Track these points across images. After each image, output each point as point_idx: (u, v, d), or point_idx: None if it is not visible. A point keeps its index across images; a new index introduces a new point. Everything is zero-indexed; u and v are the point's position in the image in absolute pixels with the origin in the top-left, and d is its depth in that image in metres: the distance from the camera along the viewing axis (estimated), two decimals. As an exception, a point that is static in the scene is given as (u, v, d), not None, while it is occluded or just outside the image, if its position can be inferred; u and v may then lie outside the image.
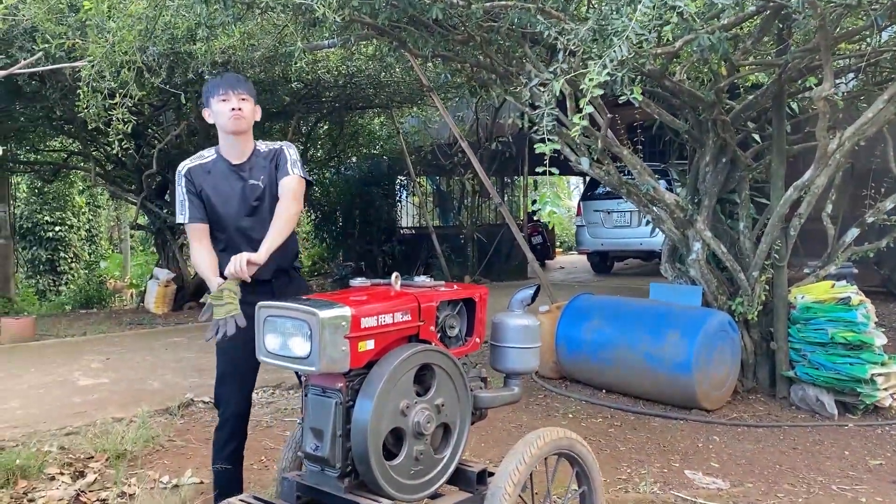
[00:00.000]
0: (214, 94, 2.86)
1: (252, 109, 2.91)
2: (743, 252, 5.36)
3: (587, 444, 2.59)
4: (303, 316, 2.24)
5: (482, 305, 2.71)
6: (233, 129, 2.85)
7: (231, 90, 2.85)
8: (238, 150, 2.92)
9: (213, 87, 2.88)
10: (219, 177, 2.91)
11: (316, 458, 2.35)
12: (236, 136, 2.89)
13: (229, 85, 2.87)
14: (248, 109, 2.88)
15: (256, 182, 2.91)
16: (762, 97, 5.13)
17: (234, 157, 2.92)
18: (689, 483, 3.74)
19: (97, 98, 4.63)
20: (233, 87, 2.85)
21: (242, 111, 2.84)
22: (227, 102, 2.84)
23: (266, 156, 2.96)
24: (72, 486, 3.50)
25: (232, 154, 2.93)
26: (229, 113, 2.83)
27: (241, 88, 2.87)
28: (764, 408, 5.00)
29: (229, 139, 2.91)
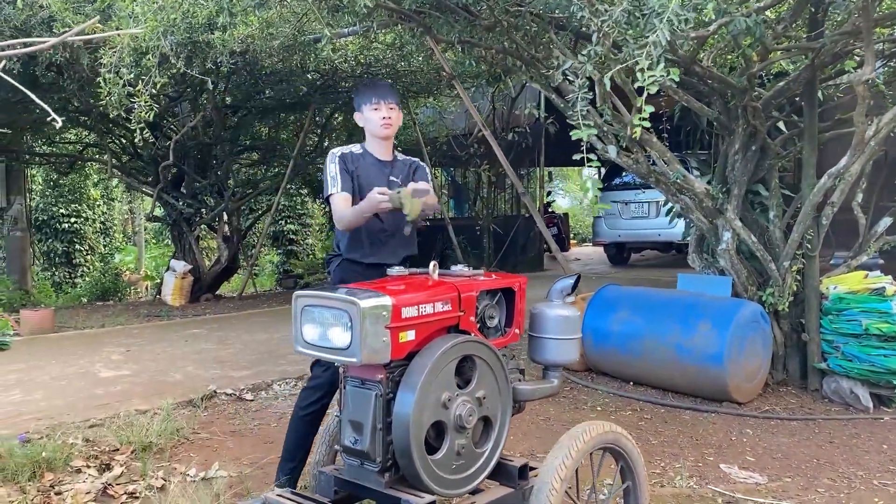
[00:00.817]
0: (367, 102, 3.09)
1: (398, 116, 3.16)
2: (773, 242, 5.25)
3: (632, 438, 2.51)
4: (343, 305, 2.17)
5: (521, 295, 2.64)
6: (384, 135, 3.11)
7: (382, 100, 3.08)
8: (385, 150, 3.18)
9: (367, 96, 3.11)
10: (368, 165, 3.13)
11: (355, 452, 2.28)
12: (384, 140, 3.14)
13: (381, 95, 3.09)
14: (396, 117, 3.13)
15: (397, 179, 3.13)
16: (794, 83, 5.02)
17: (381, 154, 3.16)
18: (725, 477, 3.66)
19: (119, 85, 4.57)
20: (384, 98, 3.08)
21: (391, 119, 3.10)
22: (379, 111, 3.07)
23: (405, 163, 3.24)
24: (98, 479, 3.45)
25: (379, 152, 3.16)
26: (381, 121, 3.08)
27: (390, 98, 3.11)
28: (796, 400, 4.90)
29: (377, 141, 3.15)
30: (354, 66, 8.44)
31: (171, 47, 5.84)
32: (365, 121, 3.14)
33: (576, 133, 2.80)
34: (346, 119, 12.25)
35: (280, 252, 16.80)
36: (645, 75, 2.84)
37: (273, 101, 10.18)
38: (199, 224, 10.91)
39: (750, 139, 5.25)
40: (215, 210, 10.70)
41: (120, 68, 4.50)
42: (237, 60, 7.64)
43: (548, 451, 3.93)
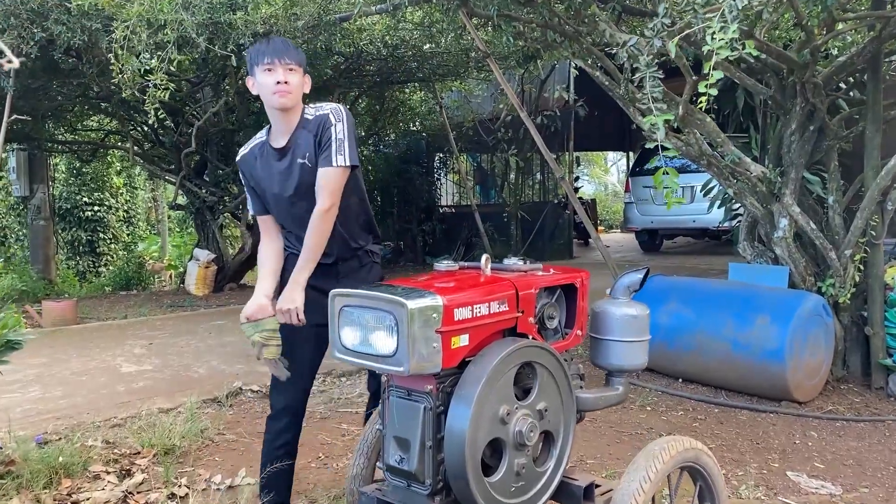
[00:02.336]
0: (259, 62, 2.52)
1: (300, 81, 2.57)
2: (832, 228, 4.89)
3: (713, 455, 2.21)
4: (387, 306, 1.89)
5: (584, 292, 2.34)
6: (278, 105, 2.53)
7: (277, 59, 2.50)
8: (283, 127, 2.60)
9: (258, 55, 2.53)
10: (264, 160, 2.65)
11: (401, 472, 2.01)
12: (281, 112, 2.57)
13: (275, 53, 2.51)
14: (296, 82, 2.53)
15: (303, 160, 2.57)
16: (857, 57, 4.65)
17: (279, 136, 2.62)
18: (794, 487, 3.35)
19: (132, 62, 4.29)
20: (279, 56, 2.50)
21: (289, 84, 2.50)
22: (272, 73, 2.49)
23: (312, 128, 2.58)
24: (118, 487, 3.22)
25: (277, 131, 2.62)
26: (273, 87, 2.50)
27: (288, 57, 2.52)
28: (860, 399, 4.56)
29: (274, 113, 2.59)
30: (380, 48, 8.14)
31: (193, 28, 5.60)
32: (259, 87, 2.54)
33: (648, 119, 2.48)
34: (371, 104, 11.99)
35: (304, 240, 16.59)
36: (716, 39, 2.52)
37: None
38: (222, 212, 10.69)
39: (808, 119, 4.89)
40: (238, 198, 10.48)
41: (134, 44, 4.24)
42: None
43: (597, 456, 3.67)
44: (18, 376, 5.11)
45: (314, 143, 2.56)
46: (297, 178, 2.58)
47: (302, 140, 2.59)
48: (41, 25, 6.43)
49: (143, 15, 4.21)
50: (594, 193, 25.73)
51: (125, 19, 4.28)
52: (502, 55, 8.74)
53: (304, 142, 2.58)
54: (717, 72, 2.49)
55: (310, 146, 2.57)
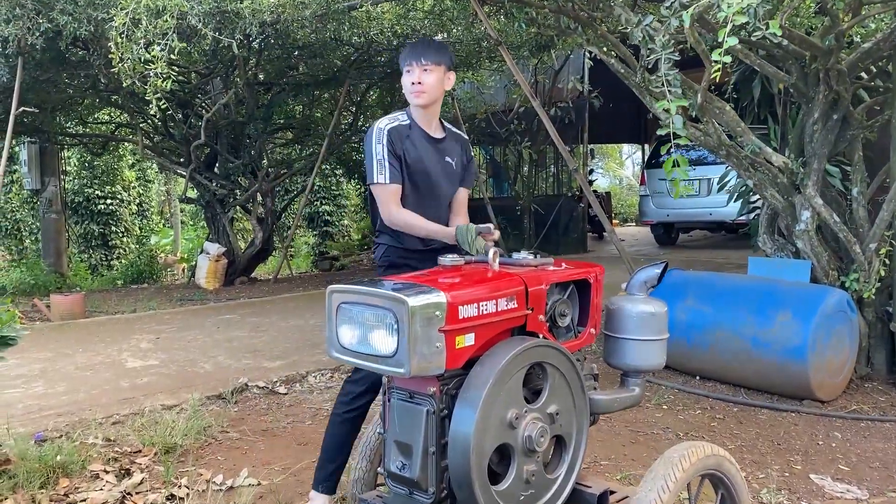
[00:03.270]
0: (403, 64, 2.69)
1: (438, 80, 2.67)
2: (856, 221, 4.72)
3: (735, 461, 2.07)
4: (387, 304, 1.77)
5: (598, 288, 2.21)
6: (414, 103, 2.69)
7: (415, 61, 2.64)
8: (426, 120, 2.74)
9: (402, 58, 2.71)
10: (419, 142, 2.72)
11: (402, 480, 1.89)
12: (424, 109, 2.71)
13: (414, 54, 2.65)
14: (431, 82, 2.64)
15: (452, 162, 2.78)
16: (883, 43, 4.46)
17: (430, 128, 2.75)
18: (818, 491, 3.20)
19: (132, 49, 4.19)
20: (417, 58, 2.64)
21: (423, 84, 2.63)
22: (410, 74, 2.66)
23: (453, 138, 2.83)
24: (117, 487, 3.13)
25: (426, 124, 2.75)
26: (410, 87, 2.66)
27: (426, 58, 2.64)
28: (885, 398, 4.40)
29: (418, 110, 2.73)
30: (391, 38, 8.00)
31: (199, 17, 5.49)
32: (403, 87, 2.71)
33: (661, 104, 2.34)
34: (382, 96, 11.84)
35: (316, 233, 16.53)
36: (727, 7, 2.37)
37: (306, 77, 9.80)
38: (232, 205, 10.62)
39: (831, 107, 4.72)
40: (249, 191, 10.40)
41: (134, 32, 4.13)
42: (268, 32, 7.28)
43: (612, 457, 3.53)
44: (23, 371, 5.04)
45: (462, 155, 2.82)
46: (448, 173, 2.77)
47: (453, 144, 2.81)
48: (47, 16, 6.36)
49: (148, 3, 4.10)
50: (609, 186, 25.49)
51: (125, 6, 4.16)
52: (515, 44, 8.59)
53: (453, 147, 2.81)
54: (731, 38, 2.35)
55: (459, 154, 2.82)
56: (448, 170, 2.76)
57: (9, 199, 14.25)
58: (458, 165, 2.79)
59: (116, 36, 4.18)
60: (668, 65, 2.57)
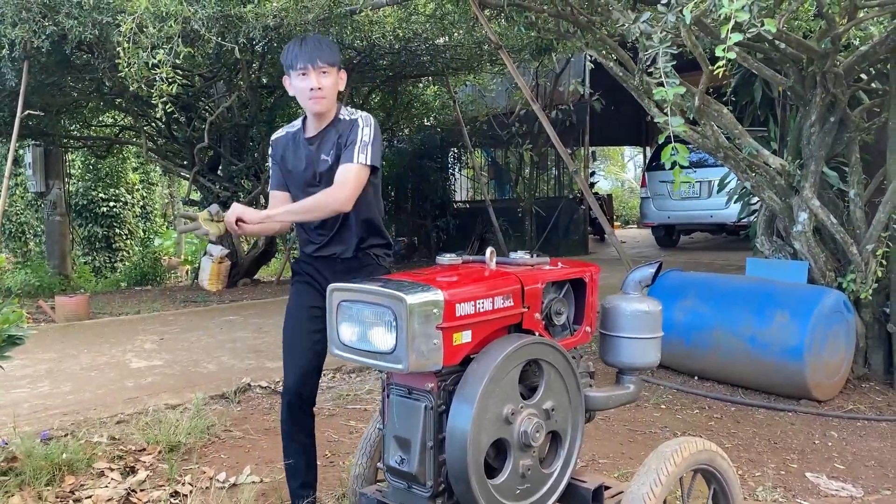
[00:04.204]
0: (294, 66, 2.56)
1: (334, 82, 2.60)
2: (853, 222, 4.76)
3: (727, 457, 2.11)
4: (386, 301, 1.82)
5: (593, 287, 2.26)
6: (314, 111, 2.62)
7: (311, 64, 2.53)
8: (316, 123, 2.68)
9: (292, 58, 2.57)
10: (296, 145, 2.73)
11: (401, 474, 1.94)
12: (317, 116, 2.65)
13: (308, 57, 2.53)
14: (330, 84, 2.57)
15: (326, 157, 2.64)
16: (879, 46, 4.50)
17: (311, 128, 2.70)
18: (813, 489, 3.24)
19: (139, 55, 4.25)
20: (312, 61, 2.53)
21: (323, 90, 2.55)
22: (307, 79, 2.54)
23: (342, 129, 2.65)
24: (122, 485, 3.18)
25: (310, 125, 2.71)
26: (308, 93, 2.56)
27: (321, 60, 2.54)
28: (882, 398, 4.43)
29: (308, 114, 2.68)
30: (392, 42, 8.06)
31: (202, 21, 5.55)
32: (294, 90, 2.61)
33: (658, 92, 2.40)
34: (384, 99, 11.91)
35: (319, 235, 16.57)
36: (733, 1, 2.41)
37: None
38: (235, 208, 10.66)
39: (828, 110, 4.75)
40: (252, 193, 10.45)
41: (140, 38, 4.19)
42: (271, 36, 7.33)
43: (609, 455, 3.58)
44: (28, 371, 5.10)
45: (339, 144, 2.61)
46: (315, 168, 2.66)
47: (329, 137, 2.65)
48: (53, 20, 6.42)
49: (150, 8, 4.15)
50: (611, 189, 25.53)
51: (132, 12, 4.22)
52: (516, 48, 8.64)
53: (330, 140, 2.64)
54: (735, 34, 2.39)
55: (334, 145, 2.62)
56: (321, 167, 2.64)
57: (13, 202, 14.32)
58: (334, 155, 2.63)
59: (123, 41, 4.24)
60: (665, 57, 2.61)
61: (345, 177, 2.52)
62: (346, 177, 2.51)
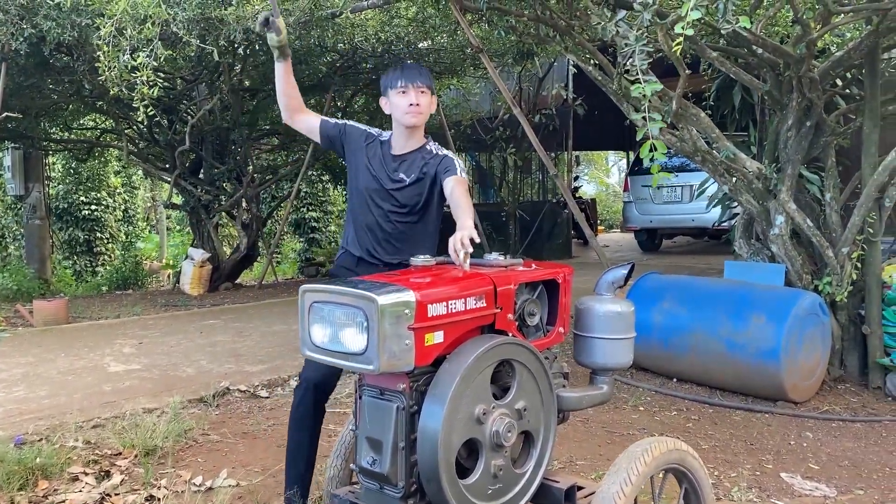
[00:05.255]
0: (394, 85, 2.75)
1: (430, 103, 2.79)
2: (829, 226, 4.81)
3: (698, 456, 2.13)
4: (357, 302, 1.82)
5: (566, 288, 2.27)
6: (410, 123, 2.76)
7: (410, 83, 2.73)
8: (404, 142, 2.83)
9: (394, 78, 2.76)
10: (381, 151, 2.84)
11: (373, 475, 1.94)
12: (409, 129, 2.79)
13: (409, 78, 2.74)
14: (426, 103, 2.77)
15: (404, 177, 2.78)
16: (854, 52, 4.57)
17: (398, 147, 2.83)
18: (787, 489, 3.27)
19: (119, 58, 4.22)
20: (412, 81, 2.73)
21: (420, 107, 2.74)
22: (406, 96, 2.73)
23: (428, 157, 2.80)
24: (96, 489, 3.16)
25: (398, 144, 2.84)
26: (406, 108, 2.73)
27: (420, 81, 2.75)
28: (857, 399, 4.48)
29: (399, 129, 2.81)
30: (375, 45, 8.05)
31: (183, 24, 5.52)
32: (392, 107, 2.79)
33: (636, 88, 2.41)
34: (368, 102, 11.89)
35: (302, 240, 16.53)
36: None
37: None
38: (217, 211, 10.61)
39: (804, 114, 4.82)
40: (234, 197, 10.42)
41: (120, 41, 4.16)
42: (252, 38, 7.31)
43: (587, 457, 3.59)
44: (3, 376, 5.04)
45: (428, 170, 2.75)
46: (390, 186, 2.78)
47: (416, 162, 2.78)
48: (31, 21, 6.36)
49: (129, 11, 4.12)
50: (595, 193, 25.65)
51: (111, 15, 4.19)
52: (499, 52, 8.67)
53: (416, 165, 2.77)
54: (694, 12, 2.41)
55: (418, 169, 2.76)
56: (394, 185, 2.77)
57: (-8, 206, 14.18)
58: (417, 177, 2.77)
59: (103, 45, 4.21)
60: (642, 55, 2.64)
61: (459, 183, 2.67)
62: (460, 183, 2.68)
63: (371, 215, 2.82)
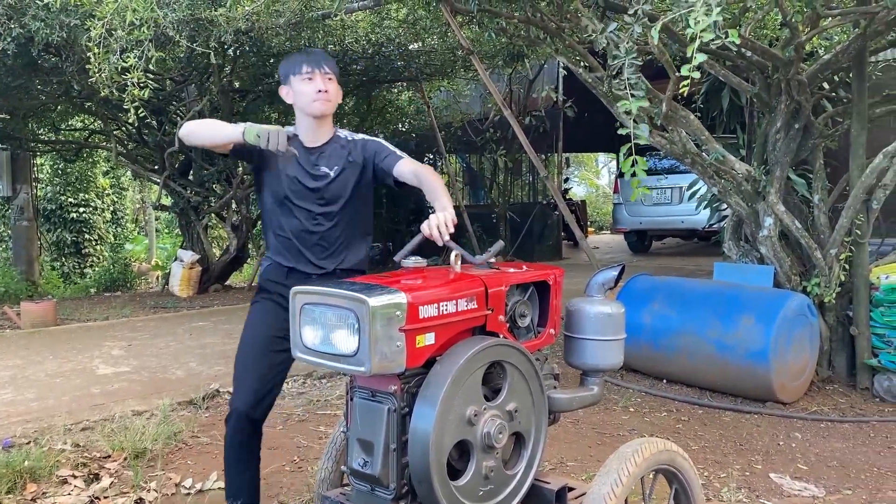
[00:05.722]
0: (297, 71, 2.56)
1: (337, 90, 2.62)
2: (817, 227, 4.85)
3: (688, 457, 2.14)
4: (348, 304, 1.82)
5: (557, 289, 2.27)
6: (319, 112, 2.57)
7: (317, 68, 2.55)
8: (314, 135, 2.63)
9: (297, 64, 2.57)
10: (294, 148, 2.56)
11: (365, 476, 1.94)
12: (317, 120, 2.60)
13: (315, 62, 2.56)
14: (334, 91, 2.59)
15: (327, 170, 2.60)
16: (841, 55, 4.60)
17: (310, 139, 2.63)
18: (777, 489, 3.29)
19: (109, 60, 4.20)
20: (319, 66, 2.55)
21: (329, 93, 2.56)
22: (313, 82, 2.54)
23: (347, 145, 2.65)
24: (85, 492, 3.14)
25: (309, 136, 2.63)
26: (314, 95, 2.54)
27: (327, 66, 2.58)
28: (845, 400, 4.52)
29: (307, 121, 2.62)
30: (366, 47, 8.06)
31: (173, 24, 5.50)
32: (296, 95, 2.56)
33: (623, 104, 2.42)
34: (358, 104, 11.89)
35: (292, 241, 16.47)
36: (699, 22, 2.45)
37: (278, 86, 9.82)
38: (207, 213, 10.57)
39: (793, 117, 4.85)
40: (223, 198, 10.38)
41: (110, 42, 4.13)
42: (242, 39, 7.29)
43: (578, 458, 3.60)
44: (-9, 378, 5.01)
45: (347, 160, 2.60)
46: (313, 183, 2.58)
47: (336, 152, 2.62)
48: (19, 21, 6.32)
49: (120, 12, 4.10)
50: (585, 195, 25.71)
51: (101, 17, 4.17)
52: (489, 54, 8.68)
53: (336, 155, 2.61)
54: (700, 55, 2.42)
55: (341, 160, 2.60)
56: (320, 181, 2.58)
57: (-21, 207, 14.06)
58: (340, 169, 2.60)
59: (93, 47, 4.18)
60: (632, 69, 2.65)
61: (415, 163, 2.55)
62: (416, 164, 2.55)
63: (295, 220, 2.58)
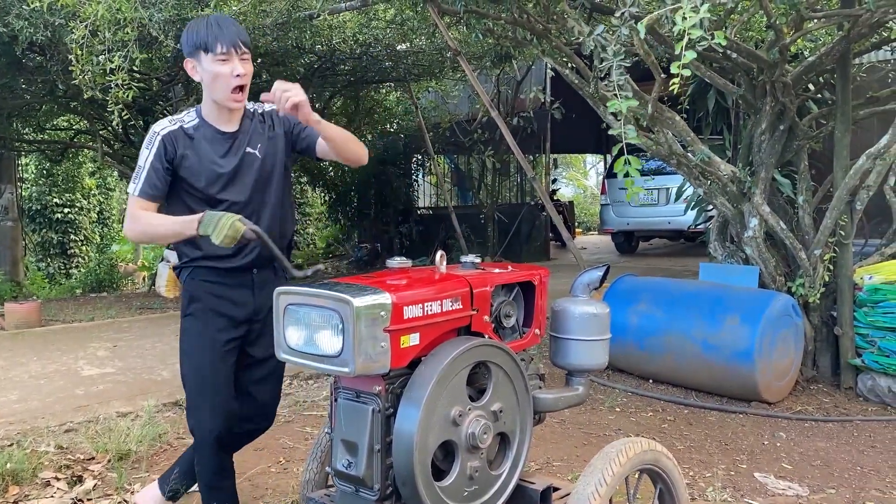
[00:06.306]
0: (210, 47, 2.22)
1: (250, 69, 2.34)
2: (802, 228, 4.89)
3: (672, 456, 2.15)
4: (332, 304, 1.82)
5: (543, 290, 2.28)
6: (236, 108, 2.35)
7: (234, 48, 2.24)
8: (228, 115, 2.38)
9: (209, 40, 2.22)
10: (204, 143, 2.35)
11: (349, 478, 1.93)
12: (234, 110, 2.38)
13: (230, 40, 2.23)
14: (249, 72, 2.32)
15: (254, 150, 2.40)
16: (826, 57, 4.64)
17: (224, 123, 2.38)
18: (761, 488, 3.31)
19: (93, 62, 4.17)
20: (235, 44, 2.25)
21: (246, 76, 2.29)
22: (228, 64, 2.24)
23: (258, 116, 2.45)
24: (68, 494, 3.11)
25: (221, 119, 2.38)
26: (233, 81, 2.26)
27: (243, 44, 2.27)
28: (829, 400, 4.55)
29: (218, 106, 2.36)
30: (353, 47, 8.05)
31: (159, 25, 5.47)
32: (206, 75, 2.25)
33: (612, 104, 2.43)
34: (346, 104, 11.87)
35: (280, 242, 16.43)
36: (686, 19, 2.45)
37: (269, 84, 9.77)
38: (194, 213, 10.52)
39: (778, 118, 4.88)
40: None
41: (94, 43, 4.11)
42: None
43: (564, 458, 3.61)
44: (-26, 380, 4.96)
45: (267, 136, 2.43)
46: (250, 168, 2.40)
47: (255, 128, 2.41)
48: (3, 20, 6.27)
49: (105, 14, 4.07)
50: (573, 196, 25.77)
51: (84, 18, 4.14)
52: (477, 55, 8.70)
53: (258, 132, 2.42)
54: (689, 52, 2.43)
55: (262, 137, 2.42)
56: (252, 162, 2.39)
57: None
58: (266, 148, 2.42)
59: (76, 48, 4.15)
60: (619, 70, 2.66)
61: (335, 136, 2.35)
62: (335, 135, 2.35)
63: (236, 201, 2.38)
